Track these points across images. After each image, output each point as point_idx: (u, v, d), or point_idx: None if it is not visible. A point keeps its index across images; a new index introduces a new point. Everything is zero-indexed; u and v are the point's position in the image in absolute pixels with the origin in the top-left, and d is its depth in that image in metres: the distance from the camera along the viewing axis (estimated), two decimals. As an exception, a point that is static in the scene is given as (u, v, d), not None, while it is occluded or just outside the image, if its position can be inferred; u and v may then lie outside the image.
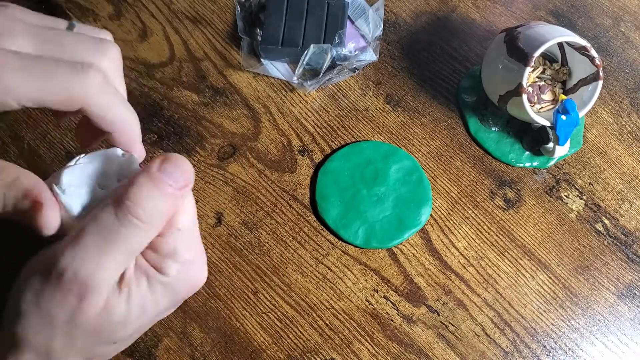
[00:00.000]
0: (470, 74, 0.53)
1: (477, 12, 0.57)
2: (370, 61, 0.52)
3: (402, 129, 0.51)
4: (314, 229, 0.47)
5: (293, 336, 0.44)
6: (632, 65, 0.55)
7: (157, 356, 0.43)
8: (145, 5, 0.55)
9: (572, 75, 0.51)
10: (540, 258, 0.47)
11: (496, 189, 0.49)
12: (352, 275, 0.46)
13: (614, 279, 0.46)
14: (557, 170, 0.50)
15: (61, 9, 0.54)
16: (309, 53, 0.49)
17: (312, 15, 0.53)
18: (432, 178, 0.49)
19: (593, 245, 0.48)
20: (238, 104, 0.51)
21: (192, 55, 0.53)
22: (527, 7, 0.57)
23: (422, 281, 0.46)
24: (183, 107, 0.51)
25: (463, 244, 0.47)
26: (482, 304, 0.45)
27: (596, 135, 0.52)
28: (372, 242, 0.46)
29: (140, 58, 0.53)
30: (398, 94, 0.53)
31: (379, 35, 0.54)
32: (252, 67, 0.52)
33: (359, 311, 0.45)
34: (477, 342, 0.44)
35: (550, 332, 0.45)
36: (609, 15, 0.57)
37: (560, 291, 0.46)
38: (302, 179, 0.49)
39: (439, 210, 0.48)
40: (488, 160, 0.50)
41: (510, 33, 0.48)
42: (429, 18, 0.57)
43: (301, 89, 0.52)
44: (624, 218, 0.49)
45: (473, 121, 0.51)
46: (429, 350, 0.44)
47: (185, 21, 0.55)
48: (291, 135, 0.50)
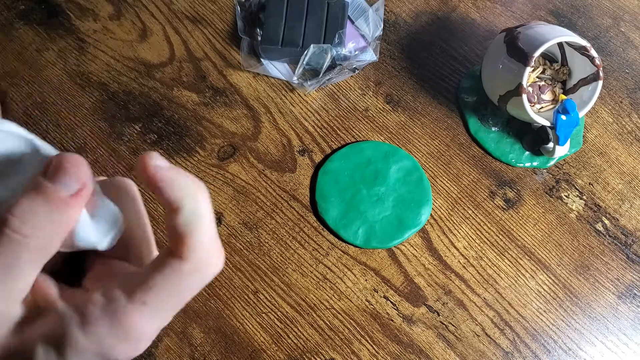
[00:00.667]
0: (470, 74, 0.53)
1: (477, 12, 0.57)
2: (370, 61, 0.52)
3: (402, 129, 0.51)
4: (314, 229, 0.47)
5: (293, 336, 0.44)
6: (632, 65, 0.55)
7: (157, 356, 0.43)
8: (145, 5, 0.55)
9: (572, 75, 0.51)
10: (540, 258, 0.47)
11: (496, 189, 0.49)
12: (352, 275, 0.46)
13: (614, 279, 0.46)
14: (557, 170, 0.50)
15: (61, 8, 0.54)
16: (309, 53, 0.49)
17: (312, 15, 0.53)
18: (432, 178, 0.49)
19: (593, 245, 0.48)
20: (238, 104, 0.51)
21: (192, 55, 0.53)
22: (527, 7, 0.57)
23: (422, 281, 0.46)
24: (183, 107, 0.51)
25: (463, 244, 0.47)
26: (482, 304, 0.45)
27: (596, 135, 0.52)
28: (372, 242, 0.46)
29: (140, 58, 0.53)
30: (398, 94, 0.53)
31: (379, 35, 0.54)
32: (252, 67, 0.52)
33: (359, 311, 0.45)
34: (477, 342, 0.44)
35: (550, 332, 0.45)
36: (609, 15, 0.57)
37: (560, 291, 0.46)
38: (302, 179, 0.49)
39: (439, 210, 0.48)
40: (488, 160, 0.50)
41: (510, 33, 0.48)
42: (429, 18, 0.57)
43: (301, 89, 0.52)
44: (624, 218, 0.49)
45: (473, 121, 0.51)
46: (429, 350, 0.44)
47: (185, 21, 0.55)
48: (291, 135, 0.50)
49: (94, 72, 0.52)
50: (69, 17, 0.54)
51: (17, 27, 0.53)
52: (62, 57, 0.52)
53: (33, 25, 0.54)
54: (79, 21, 0.54)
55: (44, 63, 0.52)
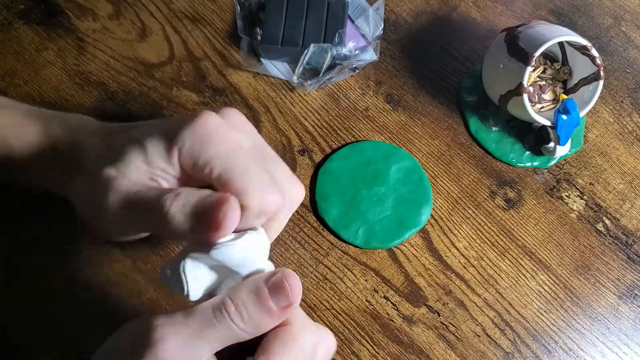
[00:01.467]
0: (470, 74, 0.53)
1: (477, 11, 0.57)
2: (370, 60, 0.52)
3: (402, 129, 0.51)
4: (314, 229, 0.47)
5: (293, 336, 0.44)
6: (633, 64, 0.55)
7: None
8: (145, 4, 0.55)
9: (573, 74, 0.51)
10: (540, 258, 0.47)
11: (497, 189, 0.49)
12: (352, 276, 0.46)
13: (615, 279, 0.46)
14: (558, 170, 0.50)
15: (60, 8, 0.54)
16: (309, 52, 0.49)
17: (312, 15, 0.53)
18: (433, 178, 0.49)
19: (594, 246, 0.47)
20: (238, 103, 0.51)
21: (191, 55, 0.53)
22: (527, 7, 0.57)
23: (423, 281, 0.45)
24: (183, 107, 0.51)
25: (463, 244, 0.47)
26: (483, 304, 0.45)
27: (597, 135, 0.52)
28: (372, 242, 0.46)
29: (140, 57, 0.53)
30: (398, 93, 0.53)
31: (379, 35, 0.54)
32: (252, 67, 0.52)
33: (359, 311, 0.44)
34: (478, 343, 0.44)
35: (550, 333, 0.44)
36: (609, 14, 0.57)
37: (561, 291, 0.46)
38: (302, 179, 0.49)
39: (439, 210, 0.48)
40: (489, 160, 0.50)
41: (511, 32, 0.48)
42: (429, 17, 0.56)
43: (301, 88, 0.52)
44: (625, 218, 0.49)
45: (473, 121, 0.51)
46: (429, 350, 0.43)
47: (185, 21, 0.55)
48: (291, 135, 0.50)
49: (93, 72, 0.52)
50: (69, 17, 0.54)
51: (17, 27, 0.53)
52: (62, 57, 0.52)
53: (32, 24, 0.53)
54: (78, 21, 0.54)
55: (43, 62, 0.52)
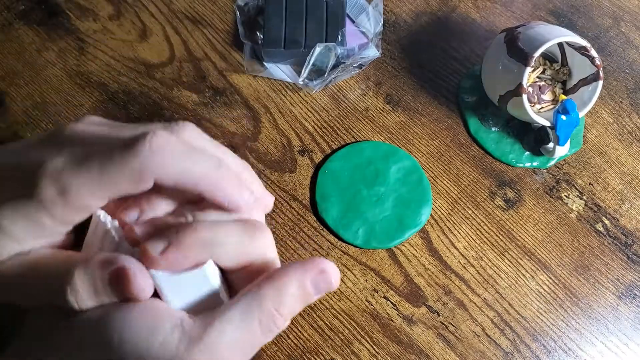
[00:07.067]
0: (470, 74, 0.53)
1: (477, 12, 0.57)
2: (373, 57, 0.52)
3: (402, 129, 0.51)
4: (314, 229, 0.47)
5: (293, 336, 0.44)
6: (632, 65, 0.55)
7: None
8: (145, 5, 0.55)
9: (572, 75, 0.51)
10: (540, 258, 0.47)
11: (496, 189, 0.49)
12: (352, 276, 0.46)
13: (614, 279, 0.46)
14: (557, 170, 0.50)
15: (61, 9, 0.54)
16: (315, 52, 0.49)
17: (311, 15, 0.53)
18: (432, 178, 0.49)
19: (593, 246, 0.48)
20: (238, 104, 0.51)
21: (192, 56, 0.53)
22: (527, 7, 0.57)
23: (422, 281, 0.46)
24: (183, 107, 0.51)
25: (463, 244, 0.47)
26: (482, 304, 0.45)
27: (596, 136, 0.52)
28: (372, 242, 0.46)
29: (140, 58, 0.53)
30: (398, 94, 0.53)
31: (379, 31, 0.54)
32: (256, 72, 0.52)
33: (359, 311, 0.45)
34: (477, 343, 0.44)
35: (550, 333, 0.45)
36: (609, 15, 0.57)
37: (561, 291, 0.46)
38: (302, 179, 0.49)
39: (439, 210, 0.48)
40: (488, 160, 0.50)
41: (510, 33, 0.48)
42: (429, 18, 0.57)
43: (306, 89, 0.52)
44: (624, 218, 0.49)
45: (473, 121, 0.51)
46: (429, 350, 0.43)
47: (185, 21, 0.55)
48: (291, 135, 0.50)
49: (94, 72, 0.52)
50: (69, 17, 0.54)
51: (17, 27, 0.53)
52: (62, 57, 0.52)
53: (33, 25, 0.54)
54: (78, 21, 0.54)
55: (43, 63, 0.52)
